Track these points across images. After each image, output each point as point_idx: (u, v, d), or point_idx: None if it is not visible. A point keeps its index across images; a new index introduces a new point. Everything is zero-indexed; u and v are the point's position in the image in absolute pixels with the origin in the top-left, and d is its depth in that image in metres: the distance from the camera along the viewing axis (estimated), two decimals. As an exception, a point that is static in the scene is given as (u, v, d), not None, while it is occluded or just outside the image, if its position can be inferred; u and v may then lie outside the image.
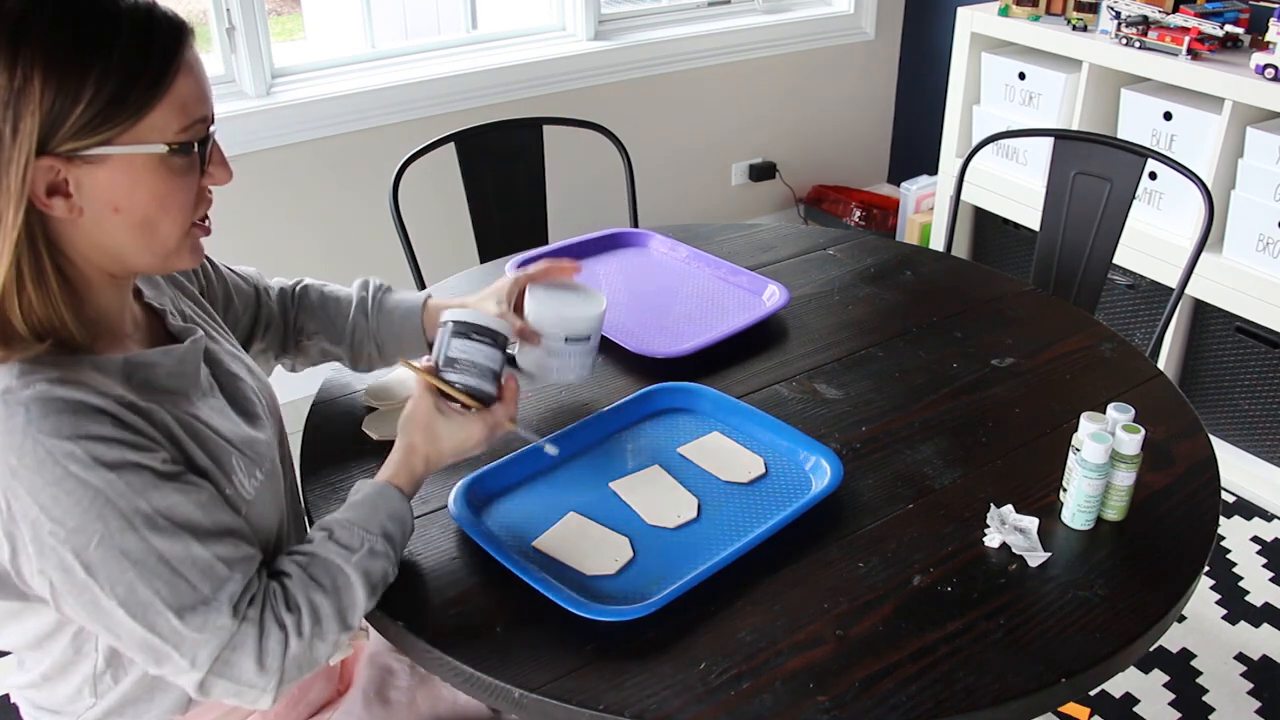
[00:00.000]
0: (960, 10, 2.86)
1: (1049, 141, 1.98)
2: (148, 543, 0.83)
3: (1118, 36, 2.47)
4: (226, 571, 0.87)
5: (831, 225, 3.47)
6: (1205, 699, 1.86)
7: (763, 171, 3.44)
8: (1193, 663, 1.94)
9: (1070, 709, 1.83)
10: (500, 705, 0.93)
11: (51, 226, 0.84)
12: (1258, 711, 1.84)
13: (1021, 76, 2.74)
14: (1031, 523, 1.09)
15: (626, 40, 2.99)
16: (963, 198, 2.92)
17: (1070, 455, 1.10)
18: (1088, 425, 1.09)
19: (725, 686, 0.91)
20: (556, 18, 2.97)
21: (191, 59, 0.85)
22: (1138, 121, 2.49)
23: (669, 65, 3.08)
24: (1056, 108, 2.68)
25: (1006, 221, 2.94)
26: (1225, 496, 2.39)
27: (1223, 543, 2.24)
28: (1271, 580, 2.14)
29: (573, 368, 1.24)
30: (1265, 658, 1.95)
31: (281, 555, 0.95)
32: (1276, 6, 2.31)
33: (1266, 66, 2.20)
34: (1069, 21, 2.64)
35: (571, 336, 1.21)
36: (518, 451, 1.17)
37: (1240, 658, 1.95)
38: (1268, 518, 2.32)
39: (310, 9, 5.82)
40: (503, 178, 2.03)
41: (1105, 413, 1.13)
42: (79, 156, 0.81)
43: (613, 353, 1.41)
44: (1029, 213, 2.73)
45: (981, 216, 3.05)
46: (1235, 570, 2.17)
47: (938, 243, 3.04)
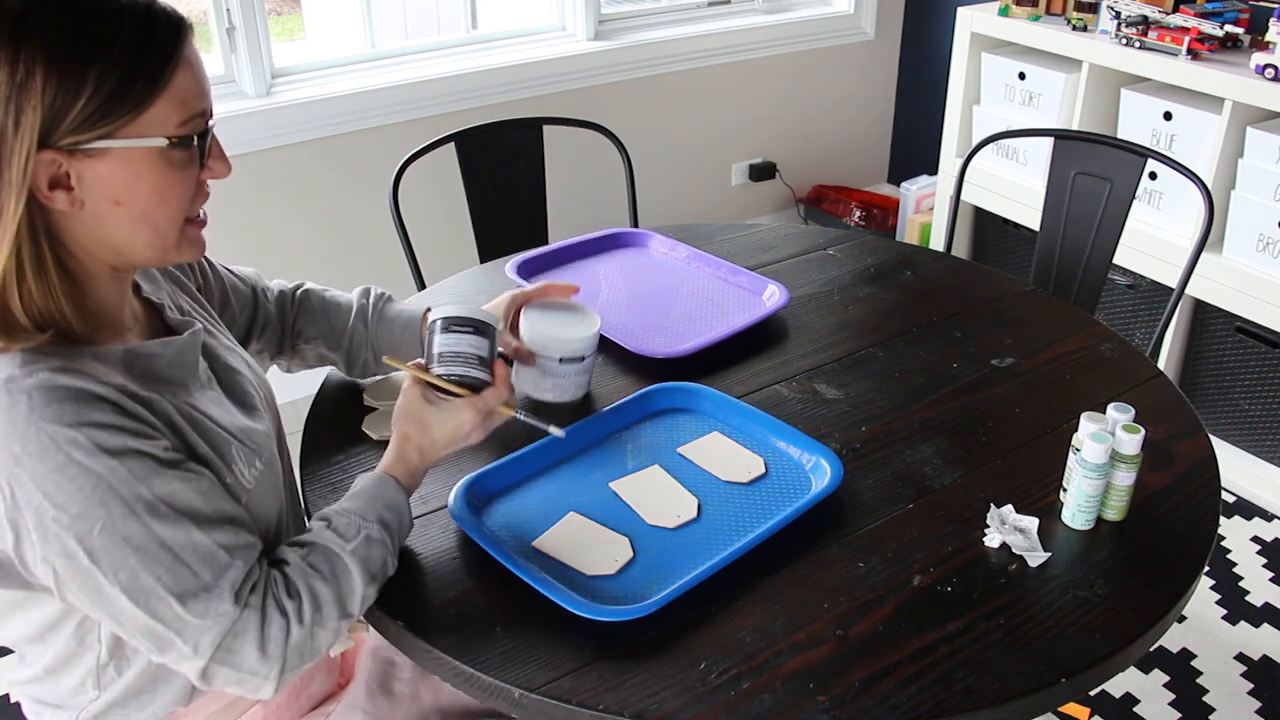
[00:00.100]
0: (960, 10, 2.86)
1: (1049, 141, 1.98)
2: (150, 529, 0.84)
3: (1118, 36, 2.47)
4: (228, 559, 0.87)
5: (831, 225, 3.47)
6: (1205, 699, 1.86)
7: (763, 171, 3.44)
8: (1193, 663, 1.94)
9: (1070, 709, 1.83)
10: (500, 705, 0.93)
11: (52, 219, 0.85)
12: (1258, 711, 1.84)
13: (1021, 76, 2.74)
14: (1031, 523, 1.09)
15: (626, 40, 2.99)
16: (963, 198, 2.92)
17: (1070, 455, 1.10)
18: (1088, 425, 1.09)
19: (725, 686, 0.91)
20: (556, 18, 2.97)
21: (190, 54, 0.86)
22: (1138, 121, 2.49)
23: (669, 65, 3.08)
24: (1056, 108, 2.68)
25: (1006, 221, 2.94)
26: (1225, 496, 2.39)
27: (1223, 543, 2.24)
28: (1271, 580, 2.14)
29: (568, 388, 1.26)
30: (1265, 658, 1.95)
31: (281, 545, 0.96)
32: (1276, 6, 2.31)
33: (1266, 66, 2.20)
34: (1069, 21, 2.64)
35: (566, 357, 1.23)
36: (518, 452, 1.17)
37: (1240, 658, 1.95)
38: (1268, 518, 2.32)
39: (310, 9, 5.82)
40: (503, 178, 2.03)
41: (1105, 413, 1.13)
42: (80, 150, 0.82)
43: (613, 353, 1.41)
44: (1029, 213, 2.73)
45: (981, 216, 3.05)
46: (1235, 570, 2.17)
47: (938, 243, 3.04)
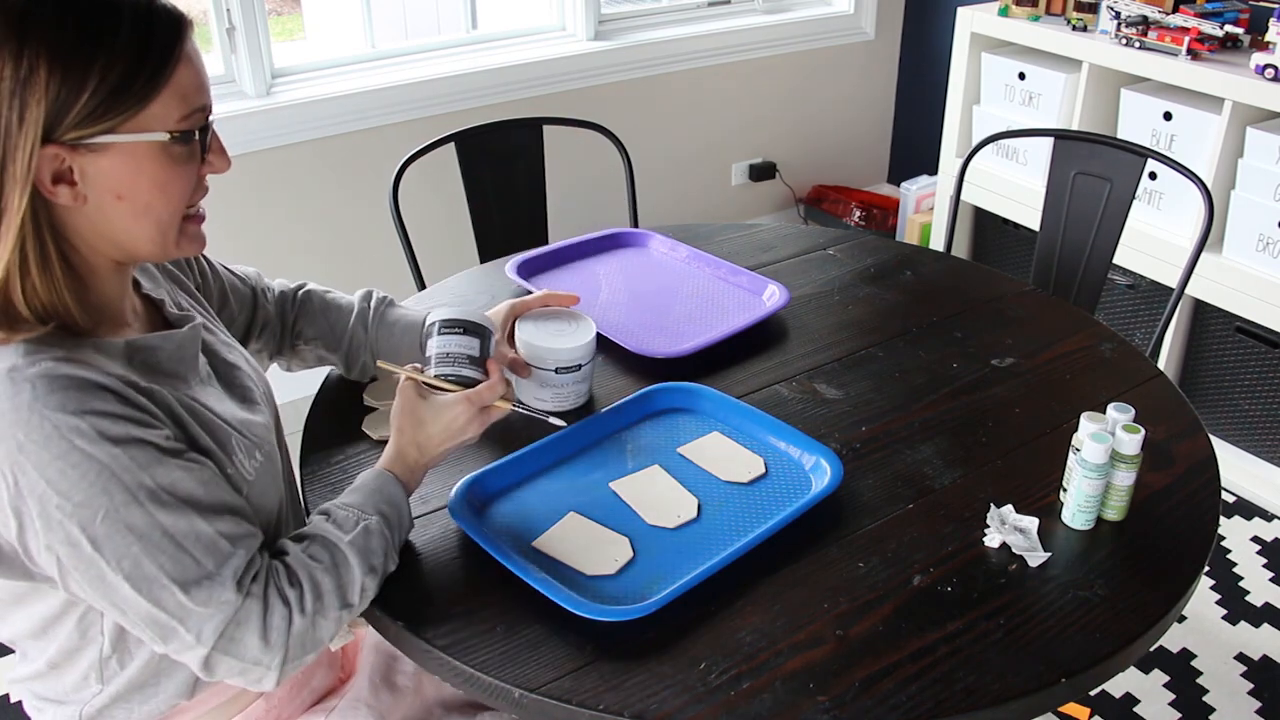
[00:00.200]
0: (960, 10, 2.85)
1: (1049, 141, 1.98)
2: (152, 517, 0.85)
3: (1118, 36, 2.47)
4: (229, 548, 0.88)
5: (831, 225, 3.47)
6: (1205, 699, 1.86)
7: (763, 171, 3.44)
8: (1193, 663, 1.94)
9: (1070, 709, 1.83)
10: (500, 705, 0.93)
11: (56, 214, 0.86)
12: (1258, 711, 1.84)
13: (1021, 76, 2.74)
14: (1031, 523, 1.09)
15: (626, 40, 2.99)
16: (963, 198, 2.92)
17: (1070, 455, 1.10)
18: (1088, 425, 1.09)
19: (725, 686, 0.91)
20: (556, 18, 2.97)
21: (191, 50, 0.88)
22: (1138, 121, 2.49)
23: (669, 65, 3.08)
24: (1056, 108, 2.68)
25: (1006, 221, 2.94)
26: (1225, 496, 2.39)
27: (1223, 543, 2.24)
28: (1271, 580, 2.14)
29: (568, 396, 1.27)
30: (1265, 658, 1.95)
31: (281, 539, 0.97)
32: (1276, 6, 2.31)
33: (1266, 66, 2.20)
34: (1069, 21, 2.64)
35: (561, 367, 1.23)
36: (518, 452, 1.17)
37: (1240, 658, 1.95)
38: (1268, 518, 2.32)
39: (310, 9, 5.82)
40: (503, 178, 2.03)
41: (1105, 413, 1.13)
42: (83, 145, 0.83)
43: (613, 353, 1.41)
44: (1029, 213, 2.73)
45: (981, 216, 3.05)
46: (1235, 570, 2.17)
47: (938, 243, 3.04)
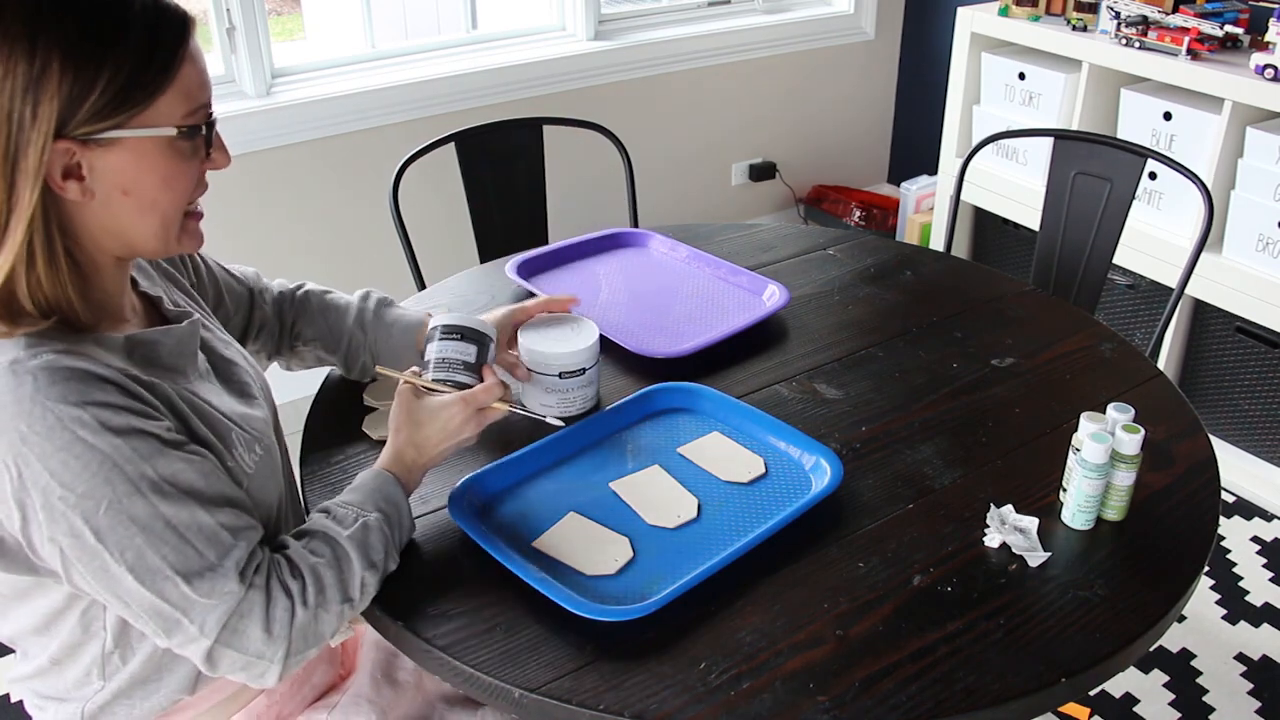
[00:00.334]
0: (960, 10, 2.85)
1: (1049, 141, 1.98)
2: (155, 508, 0.86)
3: (1117, 36, 2.47)
4: (231, 539, 0.89)
5: (831, 225, 3.47)
6: (1205, 699, 1.86)
7: (763, 171, 3.44)
8: (1193, 663, 1.94)
9: (1070, 709, 1.83)
10: (500, 705, 0.93)
11: (64, 209, 0.87)
12: (1258, 711, 1.84)
13: (1021, 76, 2.74)
14: (1031, 523, 1.09)
15: (626, 40, 2.99)
16: (963, 198, 2.92)
17: (1070, 455, 1.10)
18: (1088, 425, 1.09)
19: (725, 686, 0.91)
20: (556, 18, 2.97)
21: (195, 48, 0.90)
22: (1138, 121, 2.49)
23: (669, 65, 3.08)
24: (1056, 108, 2.68)
25: (1006, 221, 2.94)
26: (1225, 496, 2.39)
27: (1223, 543, 2.24)
28: (1271, 580, 2.14)
29: (574, 401, 1.27)
30: (1265, 658, 1.95)
31: (281, 535, 0.98)
32: (1276, 7, 2.31)
33: (1266, 66, 2.20)
34: (1069, 21, 2.64)
35: (566, 372, 1.23)
36: (518, 452, 1.17)
37: (1240, 658, 1.95)
38: (1268, 518, 2.32)
39: (310, 9, 5.82)
40: (503, 178, 2.03)
41: (1105, 413, 1.13)
42: (93, 140, 0.85)
43: (613, 353, 1.41)
44: (1029, 213, 2.73)
45: (981, 216, 3.05)
46: (1235, 570, 2.17)
47: (938, 243, 3.04)
